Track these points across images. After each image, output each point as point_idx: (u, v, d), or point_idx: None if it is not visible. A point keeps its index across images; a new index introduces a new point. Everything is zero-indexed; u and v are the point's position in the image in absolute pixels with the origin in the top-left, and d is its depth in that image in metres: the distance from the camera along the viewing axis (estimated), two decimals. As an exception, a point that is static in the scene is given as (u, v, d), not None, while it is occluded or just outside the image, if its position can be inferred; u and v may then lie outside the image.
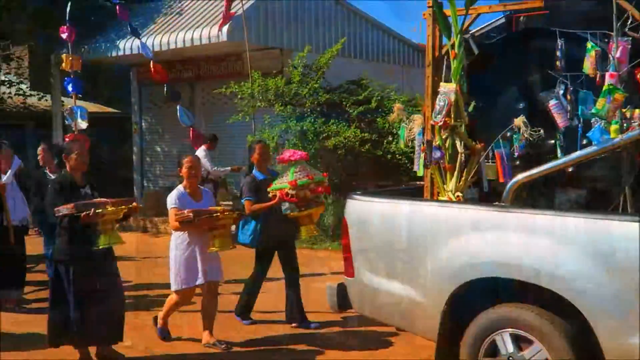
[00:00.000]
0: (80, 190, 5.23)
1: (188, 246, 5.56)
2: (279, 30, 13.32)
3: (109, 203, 4.93)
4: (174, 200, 5.60)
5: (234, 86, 11.84)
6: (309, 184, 5.75)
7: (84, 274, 5.04)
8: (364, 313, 4.86)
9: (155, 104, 15.91)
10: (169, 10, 14.62)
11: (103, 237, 4.93)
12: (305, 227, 6.12)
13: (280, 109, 11.57)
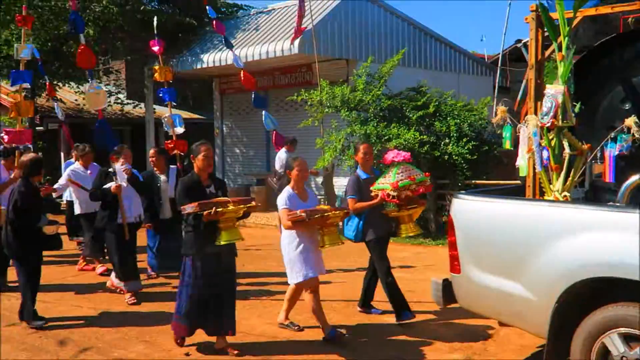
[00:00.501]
0: (205, 190, 5.22)
1: (299, 243, 5.44)
2: (344, 43, 13.34)
3: (230, 202, 4.91)
4: (285, 201, 5.48)
5: (305, 94, 11.91)
6: (410, 185, 5.57)
7: (208, 267, 5.05)
8: (470, 308, 4.68)
9: (235, 111, 16.18)
10: (246, 27, 14.84)
11: (224, 234, 4.91)
12: (405, 226, 5.92)
13: (346, 114, 11.58)
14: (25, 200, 6.03)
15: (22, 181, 6.20)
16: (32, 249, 6.16)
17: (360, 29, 13.66)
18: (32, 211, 6.12)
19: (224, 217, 4.85)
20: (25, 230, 6.09)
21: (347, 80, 12.89)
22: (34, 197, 6.21)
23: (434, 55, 15.45)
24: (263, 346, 5.45)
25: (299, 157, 5.84)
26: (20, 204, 6.02)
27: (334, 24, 13.14)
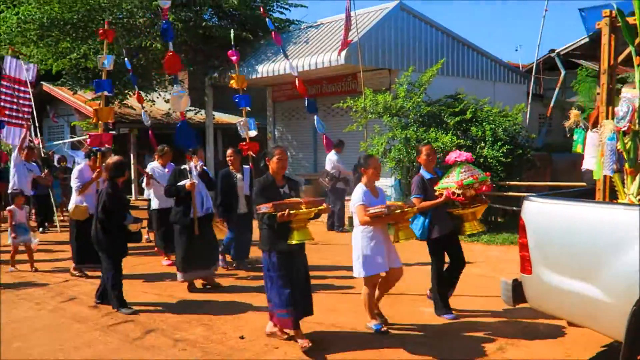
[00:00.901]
0: (279, 190, 5.14)
1: (373, 237, 5.32)
2: (387, 54, 13.35)
3: (303, 203, 4.82)
4: (361, 197, 5.34)
5: (350, 101, 11.98)
6: (473, 184, 5.43)
7: (284, 261, 4.99)
8: (540, 308, 4.53)
9: (286, 117, 16.35)
10: (298, 40, 14.99)
11: (296, 234, 4.82)
12: (469, 223, 5.75)
13: (388, 119, 11.59)
14: (112, 201, 6.20)
15: (109, 183, 6.35)
16: (119, 245, 6.36)
17: (402, 41, 13.65)
18: (119, 211, 6.29)
19: (296, 218, 4.77)
20: (114, 229, 6.25)
21: (389, 88, 12.90)
22: (120, 198, 6.38)
23: (471, 64, 15.29)
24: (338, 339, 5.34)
25: (375, 156, 5.73)
26: (108, 205, 6.18)
27: (378, 37, 13.16)
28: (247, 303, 6.61)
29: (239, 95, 9.30)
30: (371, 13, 13.91)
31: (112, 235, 6.27)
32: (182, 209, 7.08)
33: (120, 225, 6.29)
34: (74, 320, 6.23)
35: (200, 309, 6.47)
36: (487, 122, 11.26)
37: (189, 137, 7.51)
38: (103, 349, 5.31)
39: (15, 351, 5.33)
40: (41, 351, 5.30)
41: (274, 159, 5.15)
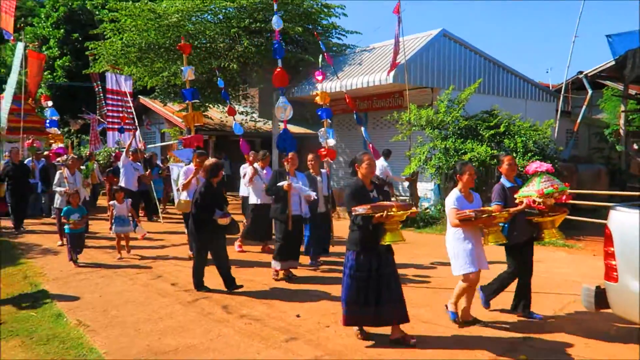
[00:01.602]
0: (369, 194, 4.79)
1: (464, 239, 4.98)
2: (430, 74, 13.17)
3: (394, 206, 4.48)
4: (454, 202, 5.03)
5: (397, 115, 11.90)
6: (553, 193, 4.96)
7: (371, 262, 4.63)
8: (624, 315, 4.17)
9: (340, 128, 16.37)
10: (352, 62, 15.00)
11: (389, 235, 4.50)
12: (547, 231, 5.24)
13: (430, 131, 11.45)
14: (203, 198, 6.22)
15: (204, 182, 6.42)
16: (209, 236, 6.33)
17: (443, 63, 13.44)
18: (209, 207, 6.23)
19: (390, 220, 4.46)
20: (204, 222, 6.27)
21: (431, 104, 12.73)
22: (212, 195, 6.32)
23: (505, 84, 14.89)
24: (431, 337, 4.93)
25: (469, 163, 5.30)
26: (200, 201, 6.22)
27: (422, 59, 13.02)
28: (306, 290, 6.62)
29: (321, 108, 9.14)
30: (417, 39, 13.77)
31: (203, 227, 6.29)
32: (280, 206, 7.00)
33: (209, 219, 6.25)
34: (160, 294, 6.44)
35: (266, 292, 6.56)
36: (518, 135, 10.97)
37: (289, 142, 7.43)
38: (182, 320, 5.47)
39: (112, 318, 5.56)
40: (132, 319, 5.51)
41: (363, 164, 4.82)
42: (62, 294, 6.47)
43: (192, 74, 8.81)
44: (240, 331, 5.12)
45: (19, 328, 5.26)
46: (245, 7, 14.78)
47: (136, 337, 4.98)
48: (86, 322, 5.38)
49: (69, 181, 9.27)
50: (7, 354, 4.62)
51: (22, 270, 7.77)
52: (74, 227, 7.91)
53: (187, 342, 4.85)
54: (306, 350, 4.65)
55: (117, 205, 8.45)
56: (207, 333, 5.07)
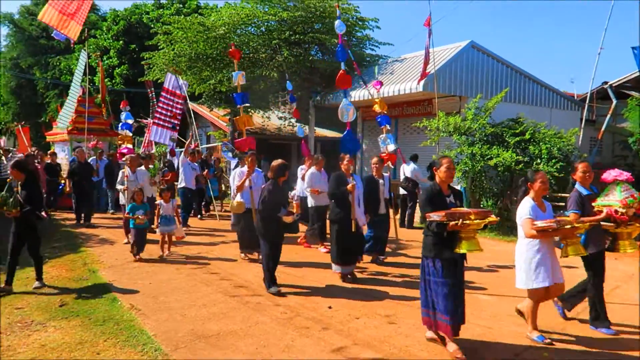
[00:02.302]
0: (446, 199, 4.33)
1: (539, 250, 4.44)
2: (459, 83, 12.98)
3: (472, 213, 4.03)
4: (529, 211, 4.46)
5: (426, 122, 11.76)
6: (634, 203, 4.50)
7: (447, 268, 4.21)
8: None
9: (372, 132, 16.29)
10: (384, 71, 14.92)
11: (465, 244, 4.07)
12: (623, 242, 4.68)
13: (457, 137, 11.27)
14: (270, 196, 6.07)
15: (271, 181, 6.23)
16: (273, 232, 6.15)
17: (471, 72, 13.22)
18: (276, 205, 6.09)
19: (467, 228, 4.01)
20: (269, 219, 6.09)
21: (459, 111, 12.54)
22: (278, 194, 6.16)
23: (530, 93, 14.53)
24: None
25: (541, 171, 4.78)
26: (267, 199, 6.06)
27: (451, 69, 12.83)
28: (342, 286, 6.58)
29: (381, 115, 8.83)
30: (446, 50, 13.59)
31: (268, 224, 6.13)
32: (342, 209, 6.59)
33: (274, 217, 6.10)
34: (203, 283, 6.55)
35: (300, 285, 6.58)
36: (543, 142, 10.68)
37: (352, 143, 7.01)
38: (223, 307, 5.55)
39: (161, 303, 5.69)
40: (178, 305, 5.63)
41: (442, 168, 4.34)
42: (116, 280, 6.67)
43: (243, 78, 8.51)
44: (276, 319, 5.16)
45: (79, 310, 5.44)
46: (286, 20, 14.89)
47: (182, 321, 5.09)
48: (138, 306, 5.52)
49: (129, 179, 9.20)
50: (69, 332, 4.79)
51: (82, 257, 8.03)
52: (139, 223, 7.83)
53: (228, 327, 4.92)
54: (336, 339, 4.65)
55: (163, 204, 8.21)
56: (246, 320, 5.13)
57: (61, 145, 16.14)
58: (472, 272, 6.99)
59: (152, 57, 17.14)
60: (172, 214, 8.25)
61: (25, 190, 5.98)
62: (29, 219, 6.01)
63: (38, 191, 6.18)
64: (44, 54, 29.53)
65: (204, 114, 20.77)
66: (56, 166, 13.72)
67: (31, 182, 6.09)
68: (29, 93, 29.91)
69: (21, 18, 30.81)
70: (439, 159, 4.44)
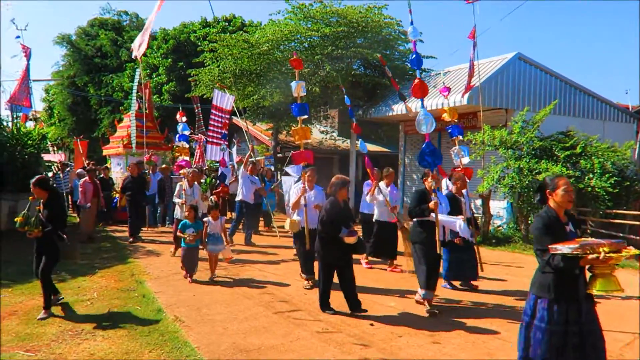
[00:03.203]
0: (564, 227, 3.56)
1: None
2: (505, 96, 12.66)
3: (605, 245, 3.21)
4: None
5: (470, 135, 11.52)
6: None
7: (568, 313, 3.41)
8: None
9: (414, 147, 16.12)
10: (427, 84, 14.73)
11: (600, 282, 3.27)
12: None
13: (503, 151, 10.98)
14: (329, 215, 5.66)
15: (330, 199, 5.83)
16: (332, 255, 5.75)
17: (518, 84, 12.87)
18: (336, 224, 5.63)
19: (606, 263, 3.21)
20: (329, 240, 5.70)
21: (505, 125, 12.22)
22: (338, 212, 5.70)
23: (581, 105, 13.99)
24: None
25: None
26: (326, 218, 5.66)
27: (497, 81, 12.55)
28: (383, 304, 6.50)
29: (452, 126, 8.18)
30: (492, 62, 13.32)
31: (328, 245, 5.72)
32: (425, 229, 5.92)
33: (336, 237, 5.62)
34: (245, 297, 6.60)
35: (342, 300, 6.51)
36: (595, 156, 10.26)
37: (433, 156, 6.12)
38: (264, 321, 5.56)
39: (204, 315, 5.77)
40: (220, 318, 5.68)
41: (558, 190, 3.59)
42: (161, 291, 6.82)
43: (303, 89, 7.73)
44: (317, 335, 5.12)
45: (126, 320, 5.58)
46: (328, 35, 15.02)
47: (224, 334, 5.13)
48: (181, 318, 5.62)
49: (186, 193, 9.03)
50: (116, 341, 4.92)
51: (129, 268, 8.28)
52: (188, 242, 7.44)
53: (269, 342, 4.91)
54: (378, 357, 4.56)
55: (211, 222, 7.62)
56: (287, 335, 5.12)
57: (117, 159, 16.69)
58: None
59: (199, 73, 17.67)
60: (220, 232, 7.68)
61: (48, 209, 5.65)
62: (50, 239, 5.68)
63: (61, 210, 5.84)
64: (98, 72, 30.99)
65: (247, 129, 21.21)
66: (108, 180, 13.95)
67: (54, 201, 5.75)
68: (84, 109, 31.41)
69: (78, 39, 32.52)
70: (553, 180, 3.68)
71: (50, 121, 34.20)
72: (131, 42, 30.84)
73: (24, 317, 5.57)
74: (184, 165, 9.69)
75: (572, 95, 13.82)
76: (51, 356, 4.55)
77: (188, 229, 7.49)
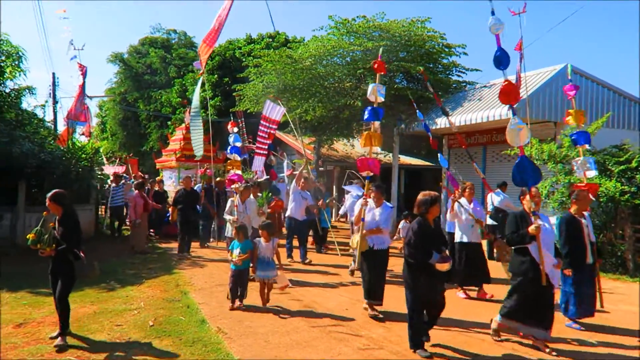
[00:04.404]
0: None
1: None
2: (554, 108, 12.26)
3: None
4: None
5: (517, 149, 11.18)
6: None
7: None
8: None
9: (458, 161, 15.83)
10: (472, 98, 14.52)
11: None
12: None
13: (552, 166, 10.60)
14: (417, 238, 4.94)
15: (418, 219, 5.08)
16: (420, 284, 4.96)
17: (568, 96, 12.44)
18: (425, 248, 4.89)
19: None
20: (418, 268, 4.94)
21: (554, 138, 11.82)
22: (428, 235, 4.97)
23: (636, 117, 13.36)
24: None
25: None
26: (414, 241, 4.93)
27: (546, 94, 12.19)
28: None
29: (576, 132, 7.17)
30: (540, 74, 12.96)
31: (415, 272, 4.99)
32: (526, 257, 5.11)
33: (426, 265, 4.88)
34: (286, 311, 6.62)
35: (385, 314, 6.42)
36: (654, 170, 9.72)
37: (530, 173, 5.23)
38: (306, 335, 5.55)
39: (246, 327, 5.82)
40: (263, 330, 5.72)
41: None
42: (205, 302, 6.93)
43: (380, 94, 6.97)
44: (359, 352, 5.06)
45: (171, 330, 5.71)
46: (371, 49, 15.06)
47: (265, 347, 5.15)
48: (224, 330, 5.69)
49: (238, 210, 8.47)
50: (162, 351, 5.02)
51: (174, 279, 8.48)
52: (236, 263, 6.68)
53: (311, 356, 4.89)
54: (422, 377, 4.44)
55: (262, 244, 6.78)
56: (329, 350, 5.08)
57: (169, 172, 16.94)
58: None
59: (243, 88, 18.08)
60: (272, 256, 6.77)
61: (62, 226, 5.21)
62: (65, 258, 5.24)
63: (76, 227, 5.37)
64: (147, 88, 32.27)
65: (289, 142, 21.44)
66: (163, 193, 13.86)
67: (68, 217, 5.32)
68: (134, 124, 32.73)
69: (129, 57, 34.03)
70: None
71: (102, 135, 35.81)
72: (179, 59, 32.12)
73: (75, 324, 5.78)
74: (236, 179, 9.13)
75: (626, 107, 13.22)
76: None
77: (235, 250, 6.77)
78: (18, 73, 13.13)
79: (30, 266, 8.34)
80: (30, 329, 5.57)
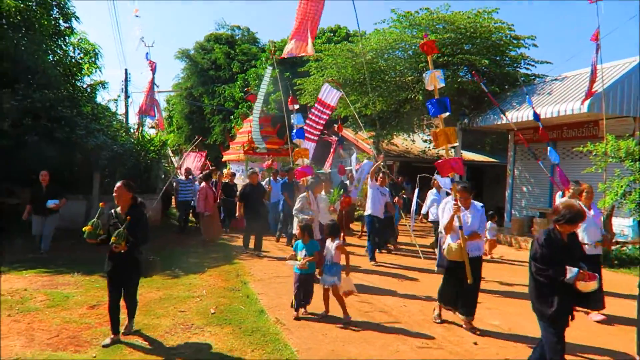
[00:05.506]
0: None
1: None
2: (633, 103, 11.43)
3: None
4: None
5: (590, 145, 10.56)
6: None
7: None
8: None
9: (524, 157, 15.16)
10: (541, 91, 13.83)
11: None
12: None
13: (630, 164, 9.89)
14: (546, 251, 3.92)
15: (547, 229, 4.05)
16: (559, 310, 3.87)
17: (650, 90, 11.56)
18: (557, 264, 3.87)
19: None
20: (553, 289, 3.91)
21: (632, 134, 11.02)
22: (560, 248, 3.95)
23: None
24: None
25: None
26: (540, 255, 3.92)
27: (624, 87, 11.37)
28: (490, 322, 6.18)
29: None
30: (618, 66, 12.11)
31: (548, 292, 3.93)
32: None
33: (559, 282, 3.86)
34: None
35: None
36: None
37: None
38: (363, 332, 5.53)
39: (302, 320, 5.87)
40: (320, 324, 5.77)
41: None
42: (264, 293, 7.07)
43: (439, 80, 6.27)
44: (417, 350, 4.98)
45: (232, 318, 5.87)
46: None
47: (323, 340, 5.18)
48: (282, 321, 5.78)
49: (312, 207, 7.65)
50: (222, 338, 5.18)
51: (235, 269, 8.71)
52: (300, 267, 5.94)
53: (367, 352, 4.87)
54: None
55: (328, 245, 6.06)
56: (386, 347, 5.04)
57: (236, 166, 17.11)
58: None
59: (304, 82, 18.23)
60: (337, 260, 5.98)
61: (132, 218, 4.85)
62: (132, 253, 4.92)
63: (144, 220, 5.07)
64: (212, 84, 33.27)
65: (349, 137, 21.38)
66: (233, 186, 13.35)
67: (138, 210, 5.01)
68: (198, 118, 33.86)
69: (195, 53, 35.20)
70: None
71: (169, 129, 37.36)
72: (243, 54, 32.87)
73: (143, 308, 6.08)
74: (308, 172, 7.99)
75: None
76: (165, 347, 4.92)
77: (300, 251, 6.04)
78: (94, 69, 13.96)
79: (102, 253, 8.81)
80: (103, 311, 5.91)
